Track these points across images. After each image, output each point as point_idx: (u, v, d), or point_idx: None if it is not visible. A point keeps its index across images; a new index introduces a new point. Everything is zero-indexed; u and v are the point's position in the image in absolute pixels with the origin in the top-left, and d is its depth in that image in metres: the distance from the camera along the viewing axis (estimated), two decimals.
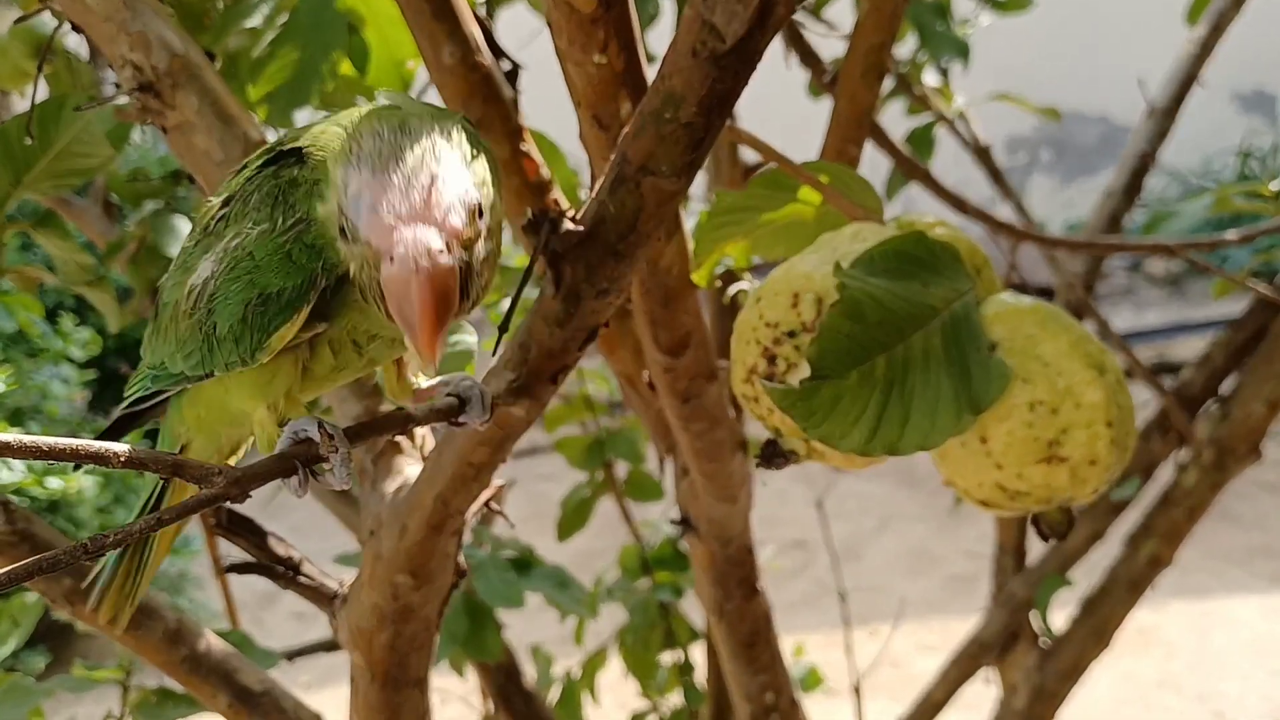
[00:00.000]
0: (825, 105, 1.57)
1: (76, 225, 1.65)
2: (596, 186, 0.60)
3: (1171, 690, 3.84)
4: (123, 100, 0.89)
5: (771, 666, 1.24)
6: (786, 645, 2.63)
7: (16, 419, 4.80)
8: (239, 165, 0.58)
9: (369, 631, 0.79)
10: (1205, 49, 1.92)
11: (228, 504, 0.57)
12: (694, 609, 2.12)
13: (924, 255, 0.62)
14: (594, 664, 2.19)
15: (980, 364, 0.60)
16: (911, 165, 1.15)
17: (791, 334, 0.63)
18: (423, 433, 0.83)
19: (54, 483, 4.71)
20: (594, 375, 2.08)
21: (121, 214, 1.79)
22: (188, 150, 0.81)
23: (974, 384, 0.59)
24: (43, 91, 1.55)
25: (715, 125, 0.57)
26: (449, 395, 0.59)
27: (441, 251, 0.44)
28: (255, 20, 1.04)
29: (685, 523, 1.13)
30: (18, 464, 4.58)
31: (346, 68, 1.12)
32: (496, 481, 0.82)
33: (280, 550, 0.79)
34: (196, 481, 0.44)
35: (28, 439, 0.42)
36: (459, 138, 0.49)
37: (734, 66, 0.54)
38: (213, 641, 0.98)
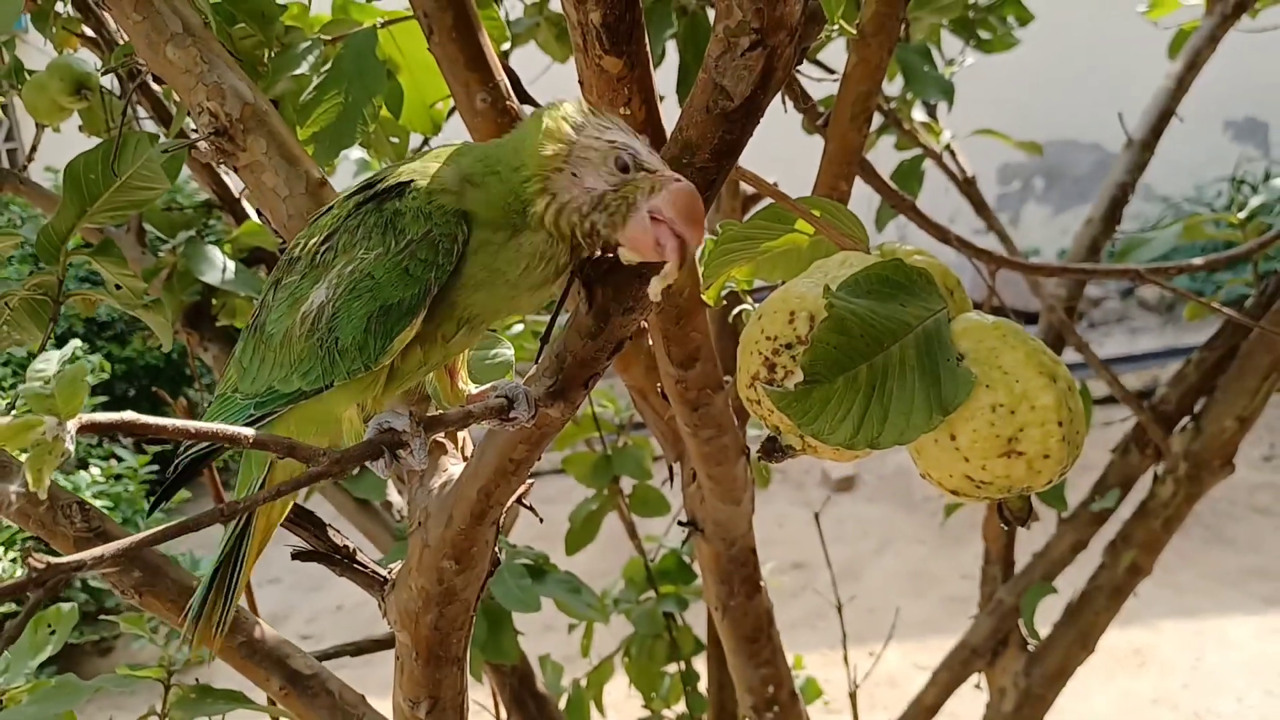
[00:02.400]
0: (815, 141, 1.68)
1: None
2: None
3: (1168, 708, 3.90)
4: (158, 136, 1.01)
5: (772, 661, 1.35)
6: (788, 659, 2.72)
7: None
8: (321, 209, 0.69)
9: (415, 613, 0.90)
10: (1182, 84, 2.03)
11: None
12: (697, 621, 2.22)
13: (901, 279, 0.73)
14: (600, 675, 2.28)
15: (949, 372, 0.71)
16: (899, 198, 1.27)
17: (788, 346, 0.74)
18: (463, 435, 0.94)
19: None
20: (600, 395, 2.18)
21: (154, 242, 1.91)
22: (257, 187, 0.93)
23: (943, 389, 0.70)
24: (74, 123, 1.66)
25: (725, 169, 0.68)
26: (499, 397, 0.70)
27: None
28: (303, 67, 1.15)
29: (693, 524, 1.24)
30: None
31: (382, 110, 1.24)
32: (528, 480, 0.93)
33: (337, 540, 0.90)
34: (305, 460, 0.55)
35: (173, 421, 0.52)
36: None
37: (740, 120, 0.66)
38: (266, 630, 1.09)
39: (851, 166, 1.04)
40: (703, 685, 2.22)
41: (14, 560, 4.15)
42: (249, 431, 0.53)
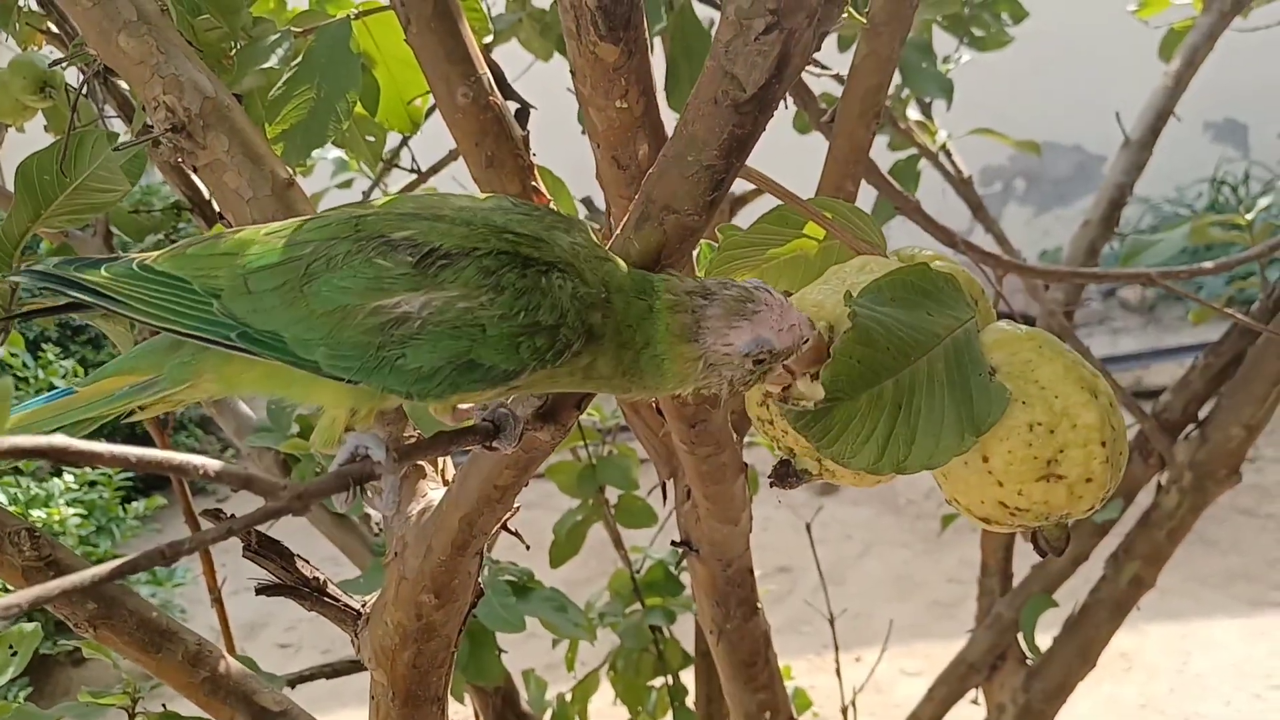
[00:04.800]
0: (805, 140, 1.61)
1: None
2: (621, 224, 0.65)
3: (1154, 713, 3.87)
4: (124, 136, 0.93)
5: (770, 685, 1.28)
6: None
7: None
8: (437, 213, 0.61)
9: (392, 650, 0.82)
10: (1180, 83, 1.98)
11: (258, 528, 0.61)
12: (684, 634, 2.15)
13: (928, 286, 0.66)
14: (586, 689, 2.22)
15: (981, 387, 0.64)
16: (904, 200, 1.20)
17: None
18: (445, 459, 0.87)
19: (37, 513, 4.71)
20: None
21: (123, 245, 1.83)
22: (218, 188, 0.85)
23: (975, 406, 0.63)
24: (38, 124, 1.59)
25: (735, 166, 0.61)
26: (485, 420, 0.63)
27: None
28: (272, 61, 1.08)
29: (687, 545, 1.17)
30: (1, 494, 4.58)
31: (356, 108, 1.16)
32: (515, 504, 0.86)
33: (306, 572, 0.82)
34: (264, 494, 0.48)
35: (117, 449, 0.45)
36: None
37: (753, 113, 0.59)
38: (231, 664, 1.01)
39: (859, 166, 0.97)
40: (690, 700, 2.16)
41: None
42: (212, 464, 0.46)
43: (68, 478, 4.56)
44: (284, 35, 1.10)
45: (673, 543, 1.23)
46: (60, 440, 0.44)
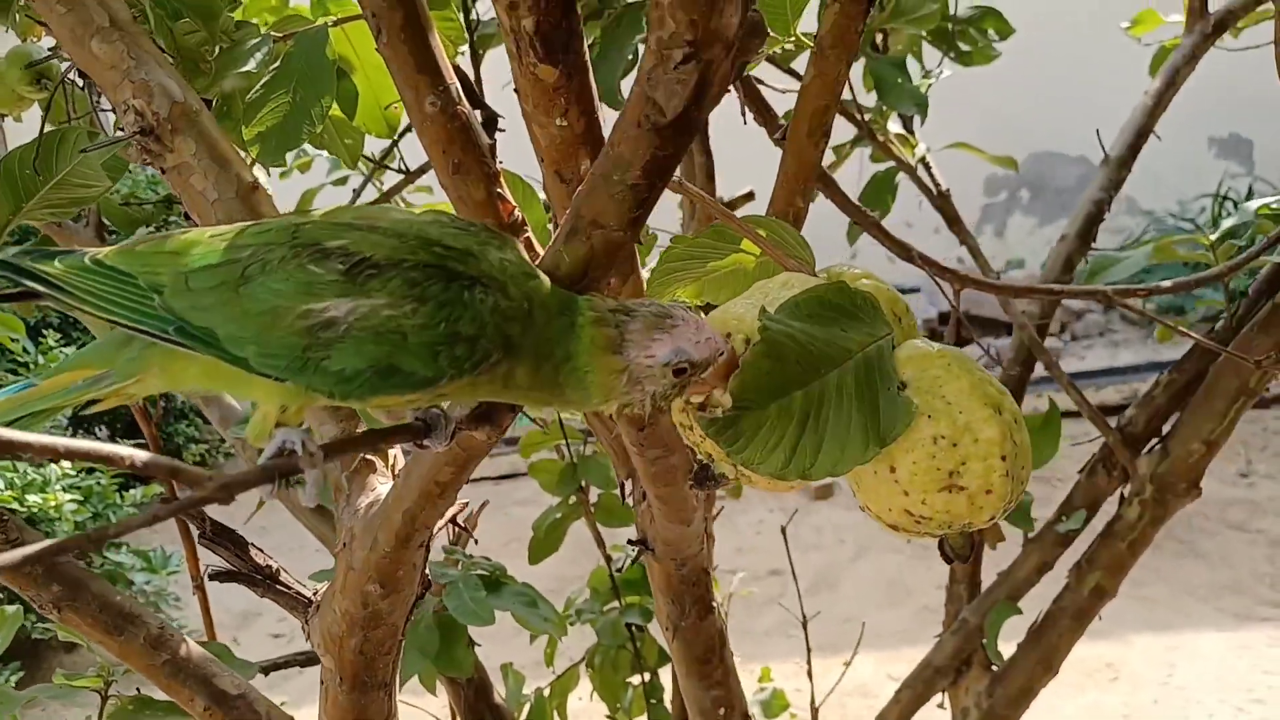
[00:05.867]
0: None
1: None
2: (554, 238, 0.68)
3: None
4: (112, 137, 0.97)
5: (724, 682, 1.31)
6: (757, 671, 2.68)
7: None
8: (373, 225, 0.64)
9: (340, 637, 0.86)
10: (1161, 102, 2.01)
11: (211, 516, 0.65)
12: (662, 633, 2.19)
13: (844, 303, 0.70)
14: (564, 684, 2.25)
15: (890, 401, 0.67)
16: (862, 214, 1.23)
17: None
18: (394, 453, 0.90)
19: (33, 498, 4.74)
20: None
21: (115, 237, 1.87)
22: (184, 189, 0.89)
23: (882, 419, 0.67)
24: (37, 114, 1.63)
25: (658, 186, 0.65)
26: (417, 419, 0.66)
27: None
28: (250, 65, 1.11)
29: (643, 543, 1.21)
30: None
31: (335, 111, 1.20)
32: (461, 500, 0.90)
33: (259, 559, 0.86)
34: (189, 484, 0.51)
35: (45, 439, 0.48)
36: None
37: (674, 136, 0.62)
38: (192, 648, 1.05)
39: (809, 183, 1.00)
40: (668, 698, 2.19)
41: None
42: (140, 456, 0.49)
43: (65, 464, 4.59)
44: (264, 40, 1.14)
45: (629, 541, 1.27)
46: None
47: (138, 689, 1.48)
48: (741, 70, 0.83)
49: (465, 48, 1.32)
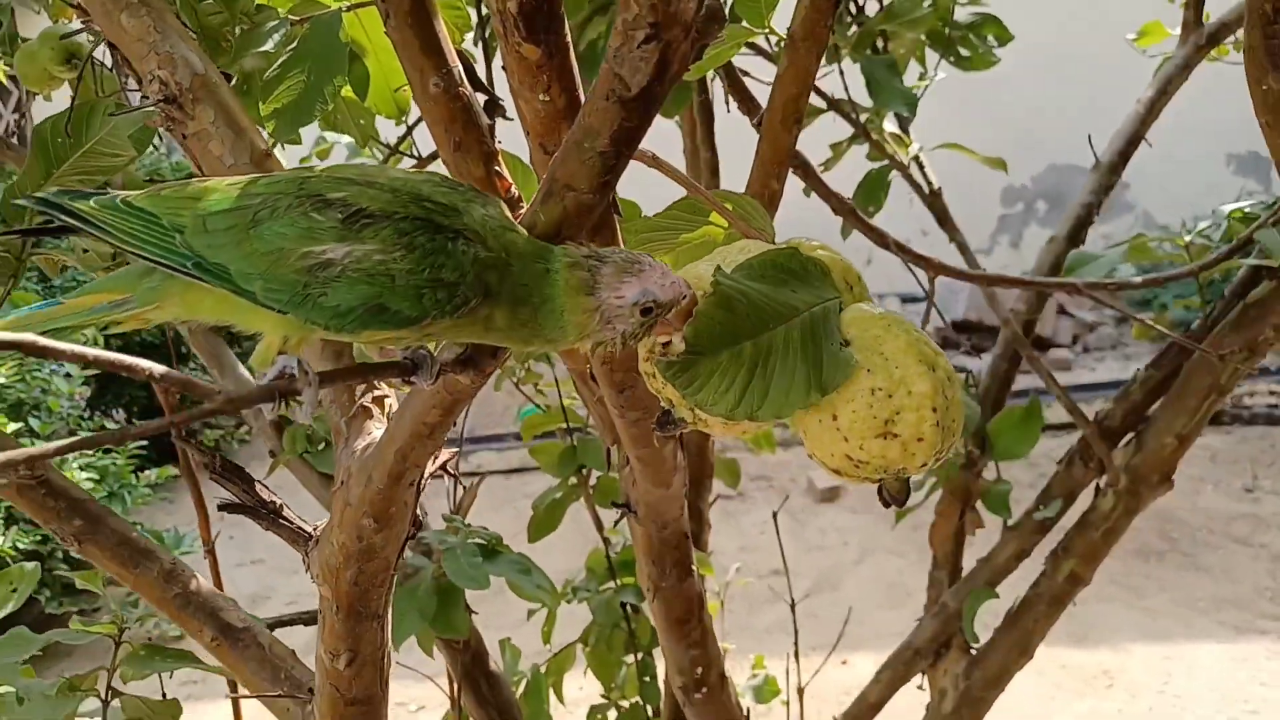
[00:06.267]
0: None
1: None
2: (531, 200, 0.76)
3: None
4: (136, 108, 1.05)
5: (702, 643, 1.39)
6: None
7: (17, 411, 4.93)
8: (371, 181, 0.72)
9: (336, 568, 0.94)
10: (1152, 110, 2.08)
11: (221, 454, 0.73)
12: None
13: (795, 267, 0.78)
14: (560, 662, 2.32)
15: (832, 355, 0.75)
16: (841, 202, 1.31)
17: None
18: (390, 401, 0.98)
19: (51, 475, 4.80)
20: (569, 386, 2.23)
21: None
22: (203, 154, 0.98)
23: (825, 371, 0.75)
24: (67, 92, 1.71)
25: (625, 154, 0.72)
26: (405, 358, 0.74)
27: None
28: (268, 45, 1.20)
29: (626, 507, 1.28)
30: None
31: (347, 91, 1.28)
32: (450, 449, 0.98)
33: (265, 495, 0.94)
34: (202, 397, 0.60)
35: (75, 347, 0.56)
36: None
37: (639, 109, 0.70)
38: (201, 584, 1.14)
39: (783, 167, 1.08)
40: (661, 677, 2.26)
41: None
42: (157, 367, 0.58)
43: None
44: (281, 22, 1.23)
45: (613, 503, 1.34)
46: (29, 337, 0.55)
47: (149, 638, 1.56)
48: (702, 53, 0.90)
49: (472, 38, 1.40)
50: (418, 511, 0.96)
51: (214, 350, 1.92)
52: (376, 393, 0.95)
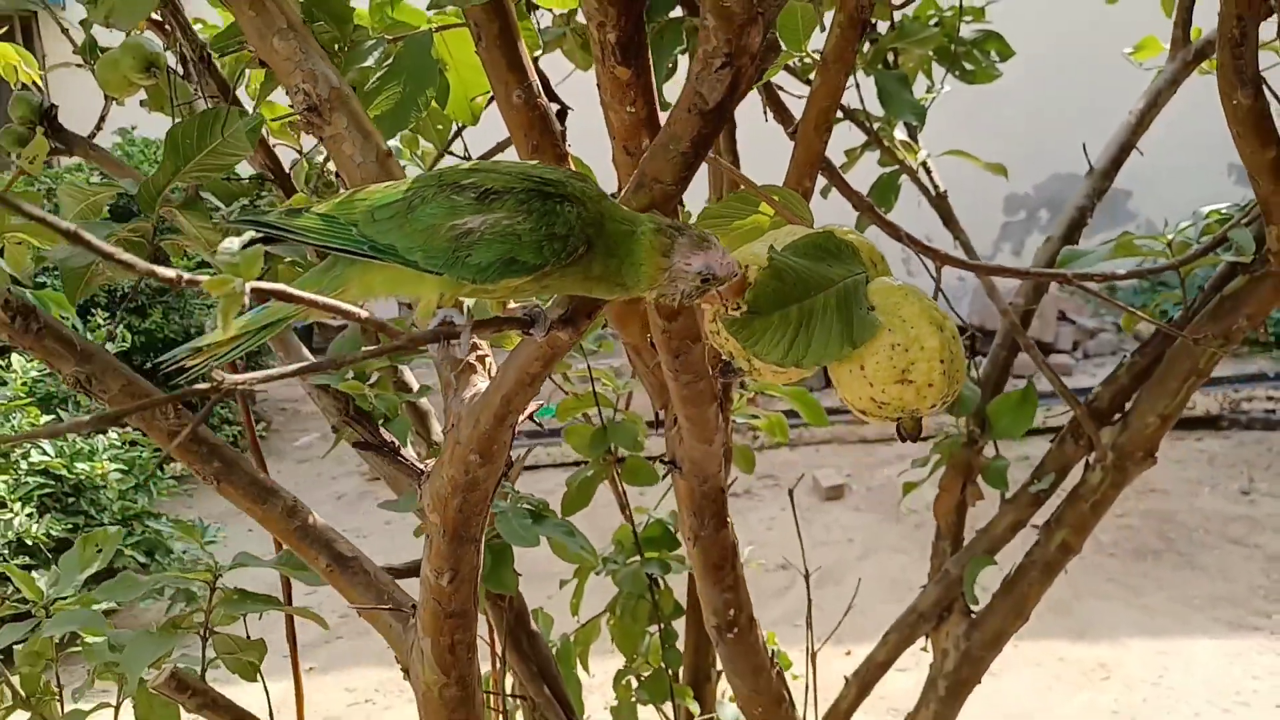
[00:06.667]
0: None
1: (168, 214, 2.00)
2: (624, 190, 0.98)
3: (1126, 719, 4.14)
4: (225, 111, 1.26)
5: (735, 587, 1.60)
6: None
7: (48, 405, 5.14)
8: (491, 169, 0.94)
9: (445, 498, 1.15)
10: (1143, 121, 2.30)
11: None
12: (678, 588, 2.46)
13: (831, 247, 0.99)
14: (587, 633, 2.53)
15: (860, 317, 0.97)
16: (861, 200, 1.53)
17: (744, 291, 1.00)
18: (490, 361, 1.20)
19: (81, 466, 5.06)
20: (600, 374, 2.44)
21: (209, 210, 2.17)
22: (337, 154, 1.19)
23: (855, 329, 0.96)
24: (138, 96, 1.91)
25: (700, 154, 0.94)
26: (525, 314, 0.96)
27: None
28: (369, 61, 1.42)
29: (672, 463, 1.50)
30: (49, 445, 4.98)
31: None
32: (537, 402, 1.19)
33: (388, 437, 1.15)
34: (392, 336, 0.81)
35: (307, 294, 0.77)
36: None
37: (714, 119, 0.92)
38: (316, 519, 1.35)
39: (814, 167, 1.30)
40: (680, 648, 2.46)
41: (29, 515, 4.39)
42: (362, 312, 0.79)
43: (112, 435, 4.89)
44: (379, 41, 1.45)
45: (660, 459, 1.56)
46: (281, 286, 0.77)
47: (235, 587, 1.77)
48: (762, 75, 1.11)
49: (539, 52, 1.62)
50: (510, 453, 1.17)
51: (282, 337, 2.14)
52: (479, 353, 1.17)
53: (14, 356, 4.88)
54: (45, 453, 4.52)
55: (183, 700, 1.61)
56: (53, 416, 4.91)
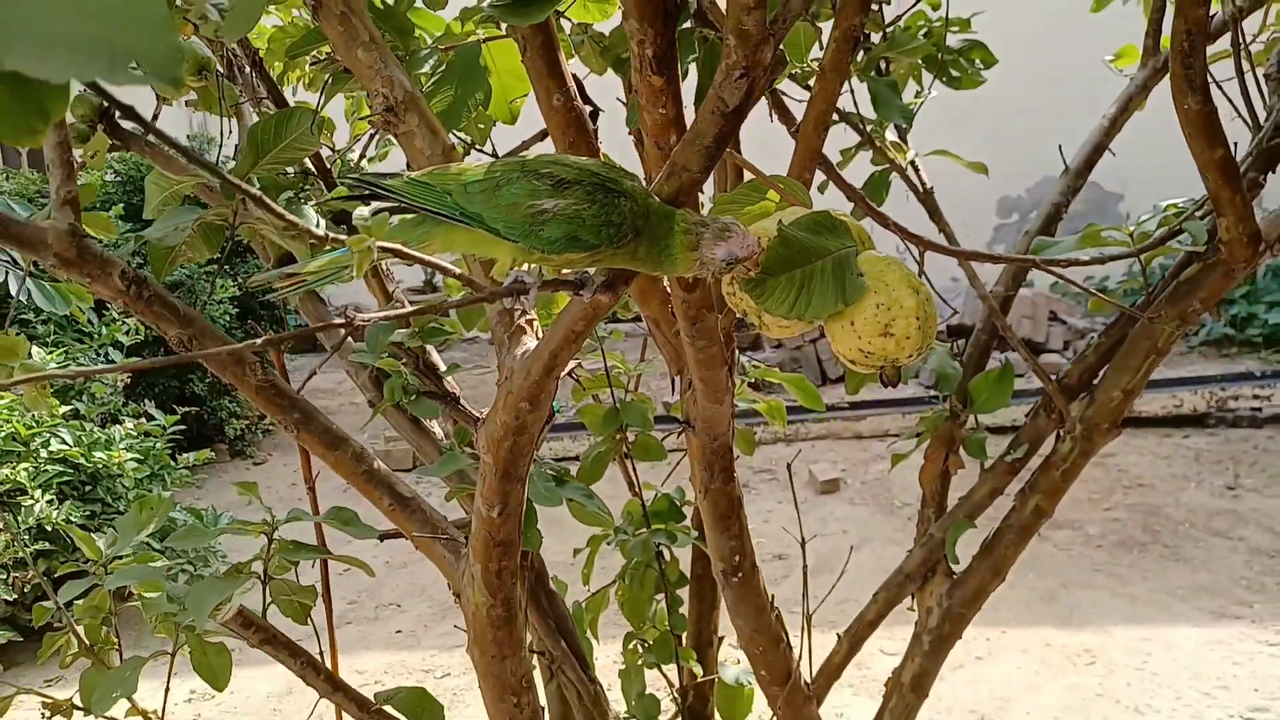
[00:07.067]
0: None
1: (214, 204, 2.21)
2: (658, 178, 1.21)
3: (1109, 702, 4.36)
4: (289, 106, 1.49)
5: (740, 536, 1.84)
6: None
7: (64, 396, 5.36)
8: (564, 163, 1.17)
9: (498, 440, 1.38)
10: (1115, 124, 2.53)
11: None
12: (684, 558, 2.69)
13: (828, 224, 1.23)
14: (597, 601, 2.75)
15: (851, 281, 1.20)
16: (855, 192, 1.76)
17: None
18: (537, 323, 1.43)
19: (99, 455, 5.29)
20: (614, 357, 2.67)
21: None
22: (409, 148, 1.43)
23: (846, 290, 1.20)
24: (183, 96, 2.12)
25: (722, 148, 1.18)
26: (575, 278, 1.19)
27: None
28: (425, 67, 1.65)
29: (687, 423, 1.73)
30: (68, 434, 5.21)
31: None
32: (576, 359, 1.42)
33: (450, 389, 1.38)
34: (477, 290, 1.04)
35: (424, 255, 1.00)
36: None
37: (733, 119, 1.15)
38: (380, 465, 1.58)
39: (813, 163, 1.54)
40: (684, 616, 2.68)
41: (50, 501, 4.60)
42: (457, 269, 1.02)
43: (128, 425, 5.10)
44: (432, 50, 1.68)
45: (675, 419, 1.79)
46: (399, 246, 0.99)
47: (292, 539, 2.00)
48: (771, 83, 1.34)
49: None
50: (551, 409, 1.40)
51: (320, 315, 2.36)
52: (528, 316, 1.40)
53: (34, 349, 5.07)
54: (64, 442, 4.74)
55: (247, 635, 1.84)
56: (70, 407, 5.12)
